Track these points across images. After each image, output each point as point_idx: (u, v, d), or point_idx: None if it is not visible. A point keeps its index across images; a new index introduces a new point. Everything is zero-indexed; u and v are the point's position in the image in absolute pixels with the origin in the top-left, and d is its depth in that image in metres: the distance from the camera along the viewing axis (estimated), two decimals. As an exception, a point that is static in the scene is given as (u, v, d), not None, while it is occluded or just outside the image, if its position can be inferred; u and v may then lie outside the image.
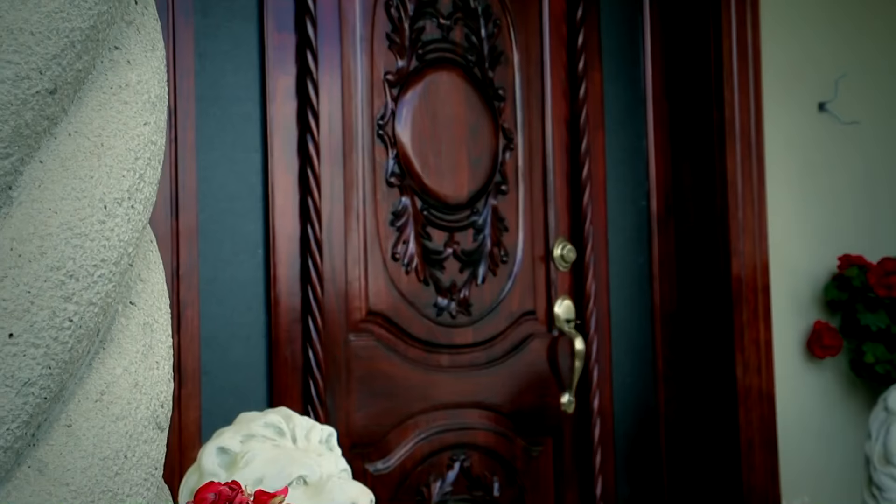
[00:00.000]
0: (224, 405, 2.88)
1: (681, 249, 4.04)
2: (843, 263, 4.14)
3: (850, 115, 4.29)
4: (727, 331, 3.91)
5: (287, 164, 3.20)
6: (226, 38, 3.13)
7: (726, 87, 3.95)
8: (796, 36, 4.19)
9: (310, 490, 2.36)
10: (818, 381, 4.17)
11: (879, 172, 4.42)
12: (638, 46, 4.04)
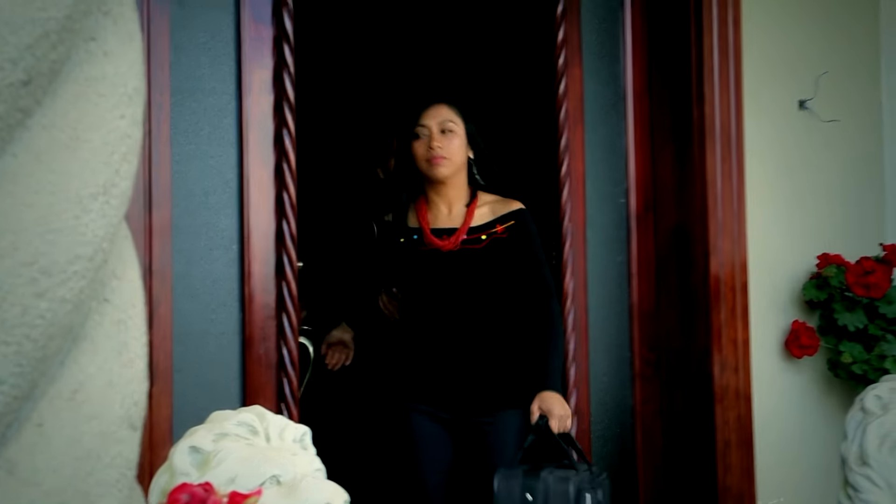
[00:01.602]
0: (196, 403, 2.87)
1: (660, 248, 4.05)
2: (822, 262, 4.17)
3: (830, 113, 4.32)
4: (705, 330, 3.93)
5: (263, 159, 3.19)
6: (202, 30, 3.12)
7: (707, 84, 3.96)
8: (777, 34, 4.21)
9: (283, 490, 2.35)
10: (795, 381, 4.20)
11: (859, 171, 4.45)
12: (618, 43, 4.06)
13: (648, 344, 4.02)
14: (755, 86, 4.10)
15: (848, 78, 4.44)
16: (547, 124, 3.92)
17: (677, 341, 3.99)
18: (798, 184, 4.25)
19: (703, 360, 3.92)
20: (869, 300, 4.07)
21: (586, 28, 3.96)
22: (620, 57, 4.06)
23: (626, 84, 4.06)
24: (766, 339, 4.11)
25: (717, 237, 3.94)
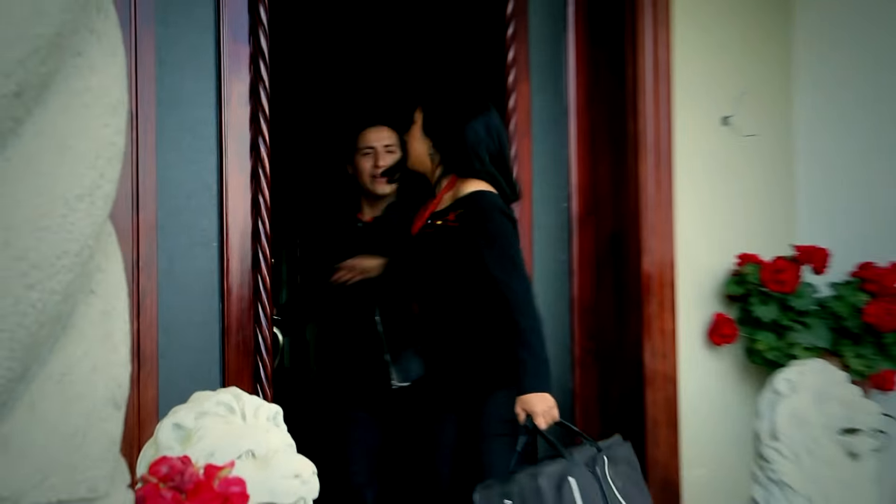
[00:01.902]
0: (180, 385, 2.86)
1: (598, 248, 4.07)
2: (741, 261, 4.20)
3: (749, 128, 4.35)
4: (637, 321, 3.95)
5: (240, 165, 3.18)
6: (185, 47, 3.10)
7: (640, 101, 3.98)
8: (703, 58, 4.23)
9: (258, 462, 2.34)
10: (716, 366, 4.22)
11: (774, 180, 4.49)
12: (562, 63, 4.06)
13: (587, 334, 4.03)
14: (683, 103, 4.12)
15: (764, 97, 4.47)
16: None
17: (613, 331, 4.00)
18: (720, 191, 4.27)
19: (635, 348, 3.94)
20: (781, 295, 4.10)
21: (534, 49, 3.96)
22: (564, 75, 4.06)
23: (569, 100, 4.06)
24: (691, 329, 4.13)
25: (648, 238, 3.96)
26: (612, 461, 3.08)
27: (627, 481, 3.08)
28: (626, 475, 3.10)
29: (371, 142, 3.91)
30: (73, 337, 1.28)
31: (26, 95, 1.17)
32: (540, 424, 3.06)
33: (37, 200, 1.19)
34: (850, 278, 4.18)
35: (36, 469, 1.21)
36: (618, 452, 3.16)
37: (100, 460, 1.31)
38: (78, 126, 1.22)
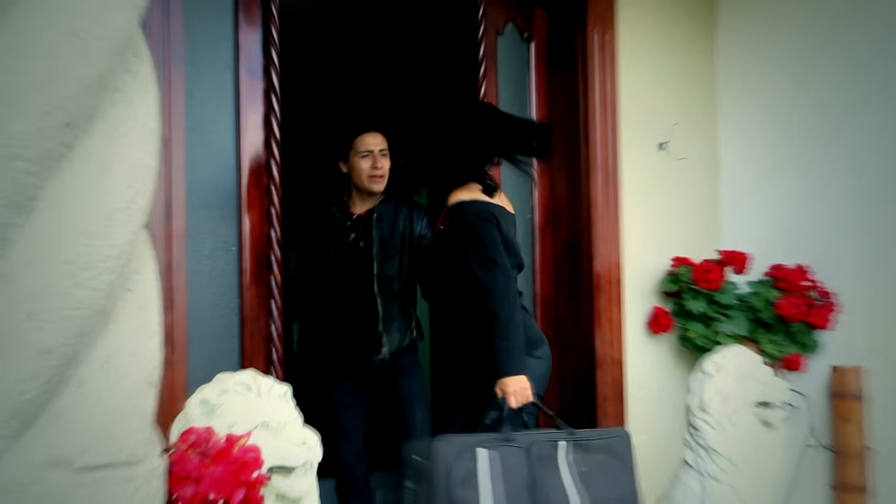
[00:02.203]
0: (205, 368, 2.84)
1: (556, 252, 4.07)
2: (675, 263, 4.21)
3: (681, 152, 4.36)
4: (589, 313, 3.95)
5: (255, 181, 3.17)
6: (209, 83, 3.10)
7: (591, 129, 3.99)
8: (643, 93, 4.25)
9: (271, 432, 2.34)
10: (655, 351, 4.23)
11: (702, 195, 4.50)
12: (526, 97, 4.06)
13: (548, 323, 4.02)
14: (627, 132, 4.13)
15: (693, 126, 4.48)
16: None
17: (569, 321, 4.00)
18: (658, 204, 4.28)
19: (587, 336, 3.95)
20: (708, 291, 4.12)
21: (502, 86, 3.96)
22: (527, 108, 4.06)
23: (531, 128, 4.08)
24: (634, 320, 4.14)
25: (598, 244, 3.97)
26: (583, 448, 2.86)
27: (599, 469, 2.85)
28: (601, 463, 2.86)
29: (369, 146, 3.69)
30: (114, 327, 1.29)
31: (75, 125, 1.17)
32: (511, 403, 2.92)
33: (83, 212, 1.20)
34: (764, 277, 4.20)
35: (84, 438, 1.22)
36: (599, 441, 2.93)
37: (137, 431, 1.32)
38: (117, 151, 1.23)
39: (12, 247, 1.17)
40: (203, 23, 3.08)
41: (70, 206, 1.19)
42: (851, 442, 4.06)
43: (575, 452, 2.83)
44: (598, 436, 2.94)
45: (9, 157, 1.14)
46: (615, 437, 2.96)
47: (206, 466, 1.43)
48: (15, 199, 1.16)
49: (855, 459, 4.05)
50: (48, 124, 1.15)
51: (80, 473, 1.22)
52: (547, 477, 2.76)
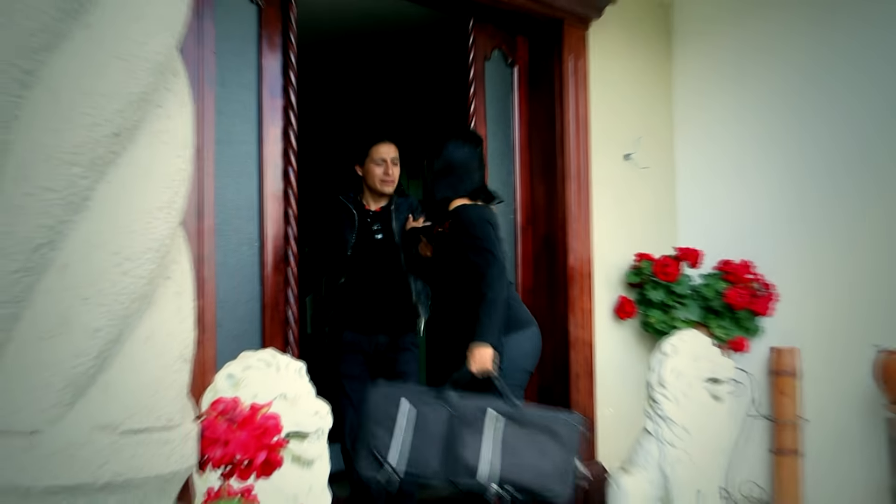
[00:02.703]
0: (231, 346, 2.85)
1: (535, 248, 4.08)
2: (638, 258, 4.22)
3: (644, 162, 4.38)
4: (564, 301, 3.96)
5: (275, 187, 3.17)
6: (236, 102, 3.10)
7: (566, 142, 3.99)
8: (610, 112, 4.26)
9: (288, 403, 2.34)
10: (621, 334, 4.24)
11: (662, 200, 4.51)
12: (510, 113, 4.07)
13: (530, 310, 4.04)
14: (597, 144, 4.14)
15: (654, 140, 4.49)
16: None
17: (546, 308, 4.01)
18: (624, 208, 4.29)
19: (562, 321, 3.95)
20: (667, 283, 4.13)
21: (489, 104, 3.96)
22: (511, 123, 4.07)
23: (514, 141, 4.07)
24: (603, 308, 4.15)
25: (572, 241, 3.97)
26: (517, 422, 2.79)
27: (526, 443, 2.76)
28: (530, 438, 2.77)
29: (383, 154, 3.70)
30: (154, 310, 1.29)
31: (122, 135, 1.18)
32: (470, 367, 2.88)
33: (128, 211, 1.20)
34: (714, 271, 4.21)
35: (128, 405, 1.22)
36: (540, 420, 2.83)
37: (174, 400, 1.32)
38: (158, 158, 1.23)
39: (68, 240, 1.17)
40: (231, 50, 3.09)
41: (117, 205, 1.19)
42: (787, 413, 4.09)
43: (509, 424, 2.77)
44: (540, 416, 2.84)
45: (67, 163, 1.14)
46: (561, 420, 2.84)
47: (233, 431, 1.44)
48: (71, 199, 1.16)
49: (789, 427, 4.07)
50: (99, 134, 1.15)
51: (124, 436, 1.22)
52: (466, 437, 2.73)
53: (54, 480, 1.15)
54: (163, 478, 1.27)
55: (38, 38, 1.14)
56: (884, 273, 3.94)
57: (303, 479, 2.40)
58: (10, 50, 1.13)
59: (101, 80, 1.15)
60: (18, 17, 1.13)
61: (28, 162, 1.14)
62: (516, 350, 3.10)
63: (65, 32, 1.15)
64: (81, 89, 1.14)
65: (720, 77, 4.48)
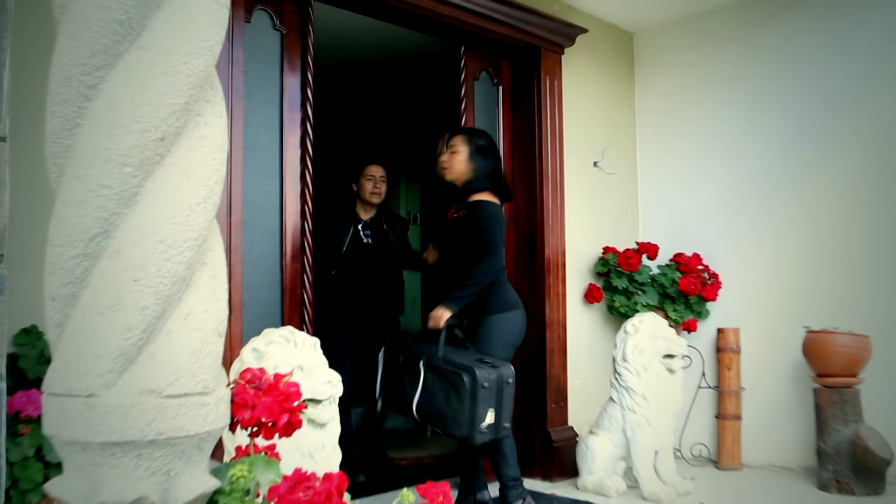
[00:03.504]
0: (255, 324, 2.85)
1: (517, 241, 4.08)
2: (605, 251, 4.23)
3: (610, 168, 4.39)
4: (542, 288, 3.96)
5: (293, 187, 3.16)
6: (260, 114, 3.08)
7: (543, 151, 4.00)
8: (581, 125, 4.27)
9: (304, 373, 2.35)
10: (590, 316, 4.26)
11: (625, 201, 4.53)
12: (495, 126, 4.06)
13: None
14: (570, 153, 4.15)
15: (618, 150, 4.51)
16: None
17: (527, 293, 4.00)
18: (593, 207, 4.31)
19: (540, 304, 3.96)
20: (629, 272, 4.15)
21: (478, 118, 3.96)
22: (496, 134, 4.06)
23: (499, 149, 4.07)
24: (574, 293, 4.16)
25: (548, 236, 3.98)
26: (435, 371, 2.92)
27: (440, 391, 2.90)
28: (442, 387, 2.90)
29: (373, 172, 4.07)
30: (193, 291, 1.28)
31: (167, 140, 1.17)
32: (428, 323, 3.03)
33: (171, 205, 1.20)
34: (669, 262, 4.24)
35: (171, 373, 1.22)
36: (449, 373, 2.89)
37: (210, 369, 1.31)
38: (198, 159, 1.23)
39: (120, 230, 1.17)
40: (257, 70, 3.08)
41: (162, 200, 1.19)
42: (730, 383, 4.11)
43: (428, 372, 2.95)
44: (451, 369, 2.88)
45: (120, 164, 1.14)
46: (464, 375, 2.84)
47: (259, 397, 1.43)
48: (122, 195, 1.16)
49: (733, 396, 4.10)
50: (148, 139, 1.15)
51: (167, 399, 1.21)
52: (413, 372, 3.01)
53: (109, 437, 1.15)
54: (200, 436, 1.27)
55: (99, 58, 1.14)
56: (810, 264, 3.97)
57: (316, 438, 2.41)
58: (76, 68, 1.14)
59: (151, 93, 1.15)
60: (84, 41, 1.14)
61: (89, 162, 1.14)
62: (507, 327, 3.17)
63: (122, 53, 1.15)
64: (134, 100, 1.14)
65: (675, 98, 4.51)
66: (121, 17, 1.14)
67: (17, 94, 1.90)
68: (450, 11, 3.58)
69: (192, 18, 1.18)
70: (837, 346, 3.64)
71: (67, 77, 1.14)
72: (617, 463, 3.63)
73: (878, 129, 3.81)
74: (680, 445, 4.24)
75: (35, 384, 2.15)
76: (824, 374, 3.66)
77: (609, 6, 4.30)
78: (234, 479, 1.32)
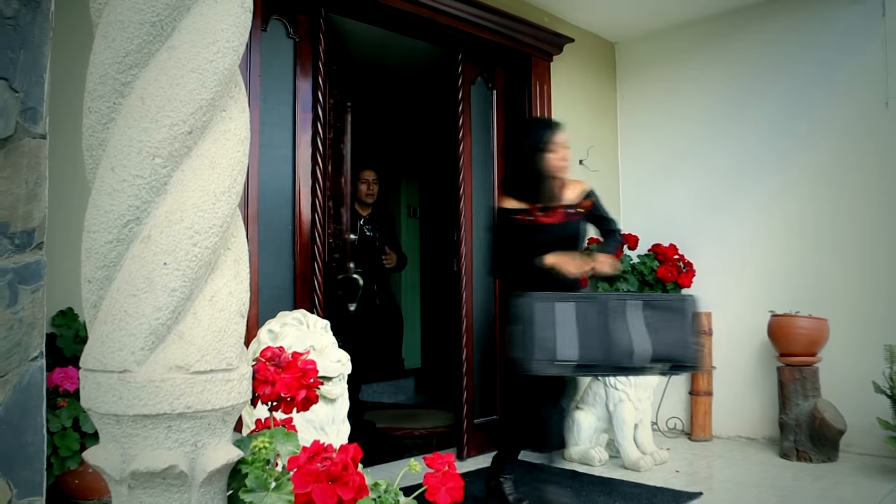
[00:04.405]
0: (271, 307, 2.84)
1: (508, 233, 4.07)
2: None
3: (595, 166, 4.37)
4: (530, 275, 3.96)
5: (305, 182, 3.14)
6: (276, 115, 3.06)
7: (533, 150, 3.98)
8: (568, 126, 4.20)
9: (316, 353, 2.33)
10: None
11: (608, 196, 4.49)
12: (490, 128, 4.05)
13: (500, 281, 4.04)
14: (557, 152, 4.14)
15: (602, 149, 4.50)
16: (453, 168, 3.90)
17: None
18: (577, 202, 4.30)
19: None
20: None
21: (474, 120, 3.94)
22: (491, 134, 4.05)
23: (493, 149, 4.05)
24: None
25: (536, 228, 3.97)
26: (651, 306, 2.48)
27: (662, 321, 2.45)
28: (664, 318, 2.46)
29: (366, 177, 4.34)
30: (217, 274, 1.26)
31: (194, 133, 1.15)
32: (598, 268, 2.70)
33: (198, 194, 1.17)
34: (649, 252, 4.23)
35: (198, 350, 1.19)
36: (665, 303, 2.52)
37: (233, 347, 1.29)
38: (222, 151, 1.20)
39: (151, 217, 1.14)
40: (272, 74, 3.05)
41: (189, 189, 1.16)
42: (703, 363, 4.12)
43: (644, 309, 2.48)
44: (665, 299, 2.58)
45: (151, 156, 1.11)
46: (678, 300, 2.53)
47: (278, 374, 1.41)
48: (153, 184, 1.13)
49: (704, 374, 4.11)
50: (177, 133, 1.12)
51: (195, 375, 1.19)
52: (616, 324, 2.45)
53: (141, 409, 1.13)
54: (225, 410, 1.25)
55: (132, 57, 1.12)
56: (776, 254, 3.98)
57: (328, 413, 2.39)
58: (111, 66, 1.11)
59: (180, 89, 1.12)
60: (119, 41, 1.11)
61: (123, 154, 1.11)
62: None
63: (154, 52, 1.12)
64: (164, 96, 1.11)
65: (653, 101, 4.49)
66: (153, 19, 1.12)
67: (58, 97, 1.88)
68: (448, 21, 3.56)
69: (219, 21, 1.16)
70: (799, 329, 3.65)
71: (103, 75, 1.12)
72: (600, 435, 3.63)
73: (838, 131, 3.81)
74: (657, 419, 4.24)
75: (72, 361, 2.17)
76: (787, 354, 3.67)
77: (593, 18, 4.29)
78: (257, 450, 1.29)
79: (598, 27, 4.42)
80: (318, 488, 1.21)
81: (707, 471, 3.47)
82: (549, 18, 4.13)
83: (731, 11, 4.17)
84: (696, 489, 3.08)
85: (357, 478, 1.24)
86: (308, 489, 1.21)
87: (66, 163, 2.14)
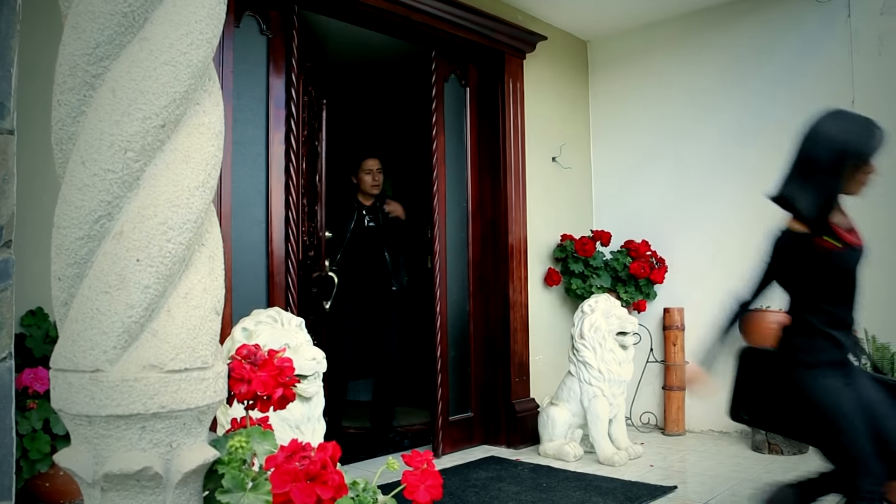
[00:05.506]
0: (244, 305, 2.80)
1: (483, 229, 4.07)
2: (563, 239, 4.25)
3: (567, 163, 4.40)
4: (505, 271, 3.97)
5: (278, 179, 3.10)
6: (248, 111, 3.02)
7: (507, 147, 3.99)
8: (542, 123, 4.27)
9: (291, 351, 2.31)
10: (550, 298, 4.28)
11: (580, 192, 4.55)
12: (463, 124, 4.04)
13: (476, 277, 4.04)
14: (531, 148, 4.15)
15: (574, 147, 4.53)
16: (426, 165, 3.89)
17: (492, 277, 4.02)
18: (552, 199, 4.32)
19: (504, 287, 3.96)
20: (585, 257, 4.17)
21: (447, 116, 3.94)
22: (464, 131, 4.05)
23: (467, 144, 4.05)
24: (535, 277, 4.17)
25: (511, 225, 3.98)
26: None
27: None
28: None
29: (370, 166, 4.07)
30: (192, 271, 1.24)
31: (167, 127, 1.12)
32: None
33: (172, 188, 1.15)
34: (621, 248, 4.27)
35: (172, 348, 1.17)
36: None
37: (208, 345, 1.27)
38: (196, 145, 1.18)
39: (123, 212, 1.12)
40: (245, 71, 3.02)
41: (163, 184, 1.14)
42: (675, 358, 4.17)
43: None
44: None
45: (123, 150, 1.09)
46: None
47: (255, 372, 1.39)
48: (125, 179, 1.11)
49: (677, 369, 4.16)
50: (149, 126, 1.10)
51: (169, 374, 1.17)
52: None
53: (114, 410, 1.11)
54: (200, 409, 1.23)
55: (103, 49, 1.09)
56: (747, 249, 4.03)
57: (303, 411, 2.37)
58: (81, 58, 1.08)
59: (153, 82, 1.09)
60: (89, 32, 1.09)
61: (94, 148, 1.08)
62: None
63: (125, 43, 1.10)
64: (137, 89, 1.08)
65: (625, 99, 4.53)
66: (125, 10, 1.09)
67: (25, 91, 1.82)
68: (422, 19, 3.55)
69: (193, 12, 1.13)
70: (769, 323, 3.69)
71: (73, 67, 1.09)
72: (575, 431, 3.66)
73: (805, 129, 3.88)
74: (631, 414, 4.28)
75: (41, 362, 2.12)
76: (758, 348, 3.73)
77: (566, 17, 4.31)
78: (233, 450, 1.27)
79: (570, 26, 4.45)
80: (297, 488, 1.19)
81: (681, 464, 3.52)
82: (522, 16, 4.14)
83: (701, 11, 4.22)
84: (670, 483, 3.11)
85: (336, 476, 1.23)
86: (286, 489, 1.19)
87: (36, 158, 2.08)
